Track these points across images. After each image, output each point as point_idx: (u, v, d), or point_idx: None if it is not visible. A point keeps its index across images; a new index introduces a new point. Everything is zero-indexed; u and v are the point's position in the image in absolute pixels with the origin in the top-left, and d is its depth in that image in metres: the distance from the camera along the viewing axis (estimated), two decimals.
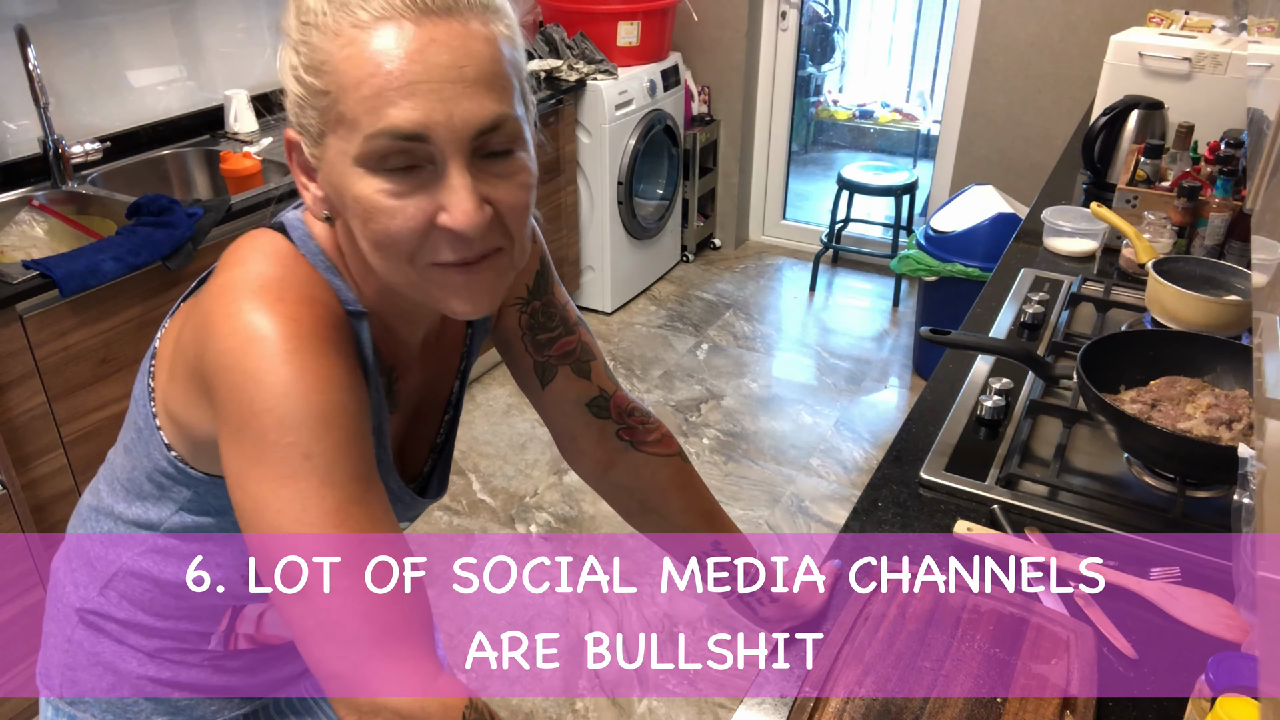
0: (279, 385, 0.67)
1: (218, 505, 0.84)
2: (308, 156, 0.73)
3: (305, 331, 0.69)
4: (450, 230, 0.68)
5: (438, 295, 0.73)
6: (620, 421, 1.05)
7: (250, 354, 0.68)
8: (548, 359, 1.00)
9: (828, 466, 2.98)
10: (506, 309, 0.97)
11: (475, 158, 0.69)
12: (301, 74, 0.69)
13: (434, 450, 0.97)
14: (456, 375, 0.96)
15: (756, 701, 0.96)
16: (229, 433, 0.69)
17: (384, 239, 0.70)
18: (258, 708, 1.04)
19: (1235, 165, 1.91)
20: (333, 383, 0.69)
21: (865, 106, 5.68)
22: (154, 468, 0.84)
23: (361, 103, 0.66)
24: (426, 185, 0.68)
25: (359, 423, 0.71)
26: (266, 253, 0.75)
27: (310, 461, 0.67)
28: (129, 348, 2.01)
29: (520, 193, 0.72)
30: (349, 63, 0.66)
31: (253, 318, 0.69)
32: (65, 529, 0.98)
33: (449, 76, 0.66)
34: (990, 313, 1.77)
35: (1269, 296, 0.75)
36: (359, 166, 0.68)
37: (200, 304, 0.74)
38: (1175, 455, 1.22)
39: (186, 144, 2.63)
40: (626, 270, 3.86)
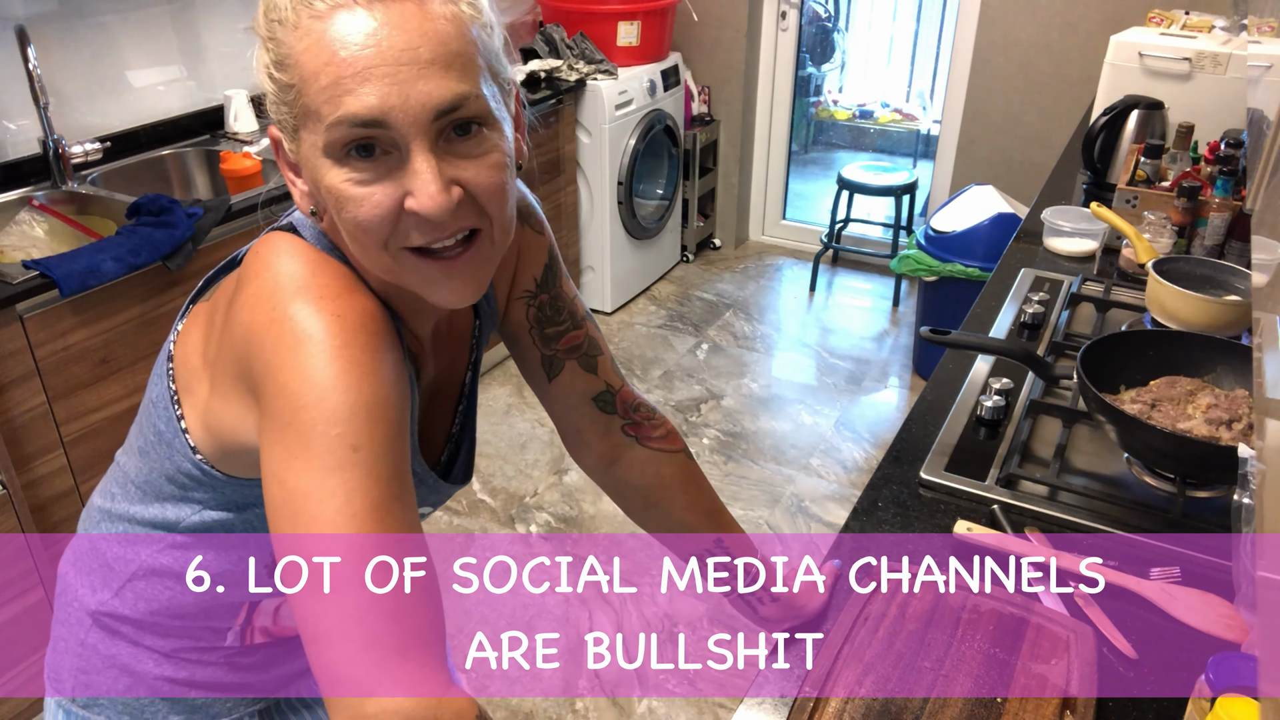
0: (328, 379, 0.67)
1: (239, 501, 0.84)
2: (288, 153, 0.74)
3: (351, 326, 0.70)
4: (417, 214, 0.68)
5: (416, 283, 0.73)
6: (626, 417, 1.05)
7: (300, 353, 0.68)
8: (555, 352, 1.00)
9: (828, 466, 2.98)
10: (515, 301, 0.97)
11: (441, 140, 0.69)
12: (272, 71, 0.70)
13: (450, 439, 0.97)
14: (468, 366, 0.97)
15: (756, 701, 0.96)
16: (274, 429, 0.69)
17: (354, 227, 0.70)
18: (269, 705, 1.05)
19: (1235, 165, 1.91)
20: (380, 376, 0.69)
21: (865, 106, 5.68)
22: (176, 470, 0.83)
23: (320, 93, 0.67)
24: (393, 171, 0.68)
25: (403, 417, 0.71)
26: (289, 253, 0.75)
27: (358, 453, 0.67)
28: (129, 348, 2.01)
29: (492, 172, 0.71)
30: (308, 54, 0.67)
31: (298, 319, 0.69)
32: (65, 529, 0.98)
33: (403, 59, 0.66)
34: (990, 313, 1.77)
35: (1269, 296, 0.75)
36: (327, 157, 0.68)
37: (236, 316, 0.73)
38: (1175, 455, 1.21)
39: (186, 144, 2.63)
40: (626, 270, 3.86)
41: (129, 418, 2.19)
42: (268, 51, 0.70)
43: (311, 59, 0.67)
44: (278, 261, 0.74)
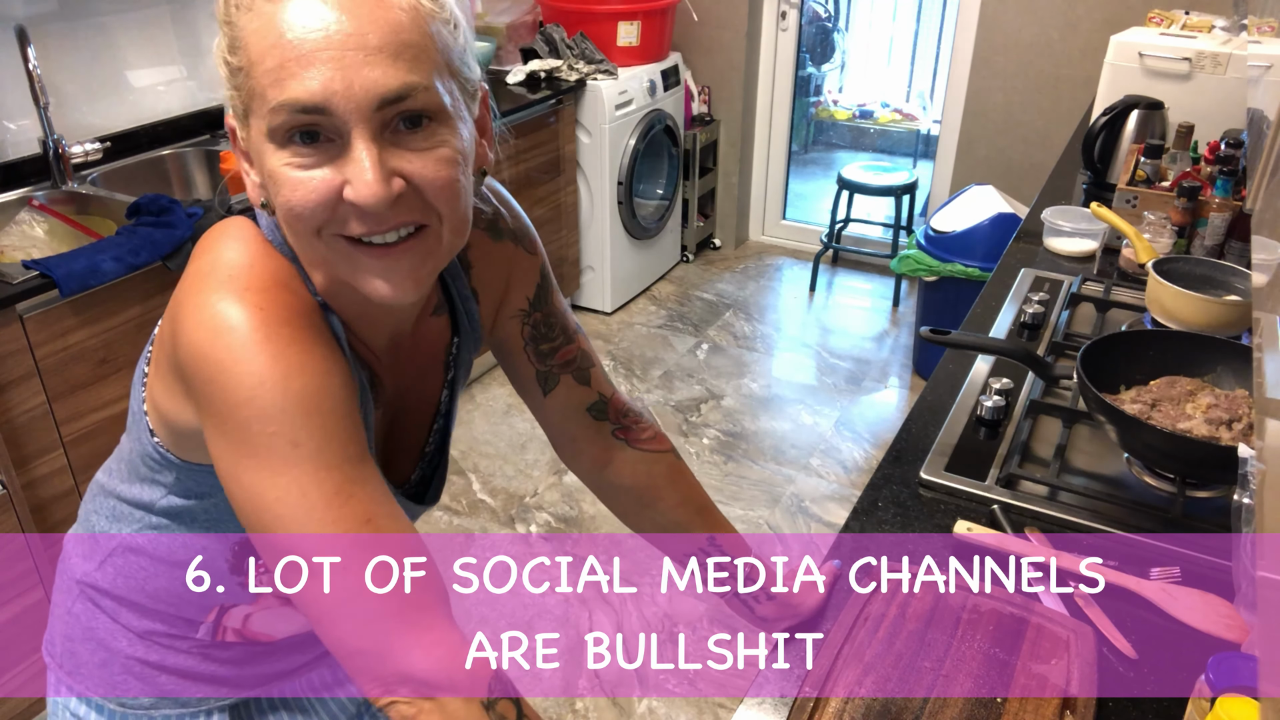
0: (253, 376, 0.67)
1: (199, 490, 0.84)
2: (240, 140, 0.73)
3: (274, 319, 0.69)
4: (354, 204, 0.67)
5: (349, 273, 0.71)
6: (617, 422, 1.06)
7: (220, 345, 0.67)
8: (550, 368, 1.00)
9: (828, 466, 2.98)
10: (508, 321, 0.97)
11: (386, 131, 0.67)
12: (225, 55, 0.69)
13: (423, 458, 0.96)
14: (445, 385, 0.95)
15: (756, 701, 0.96)
16: (213, 426, 0.69)
17: (288, 212, 0.68)
18: (241, 703, 1.04)
19: (1235, 165, 1.91)
20: (308, 368, 0.68)
21: (865, 106, 5.68)
22: (144, 452, 0.84)
23: (266, 75, 0.66)
24: (334, 158, 0.67)
25: (344, 404, 0.70)
26: (234, 239, 0.74)
27: (299, 449, 0.67)
28: (129, 348, 2.01)
29: (439, 166, 0.69)
30: (256, 35, 0.66)
31: (220, 307, 0.68)
32: (65, 529, 0.99)
33: (349, 44, 0.64)
34: (990, 313, 1.77)
35: (1269, 296, 0.75)
36: (270, 142, 0.67)
37: (175, 296, 0.74)
38: (1175, 455, 1.21)
39: (186, 144, 2.63)
40: (626, 270, 3.86)
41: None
42: (224, 35, 0.70)
43: (259, 40, 0.66)
44: (220, 246, 0.74)
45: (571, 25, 3.58)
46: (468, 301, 0.92)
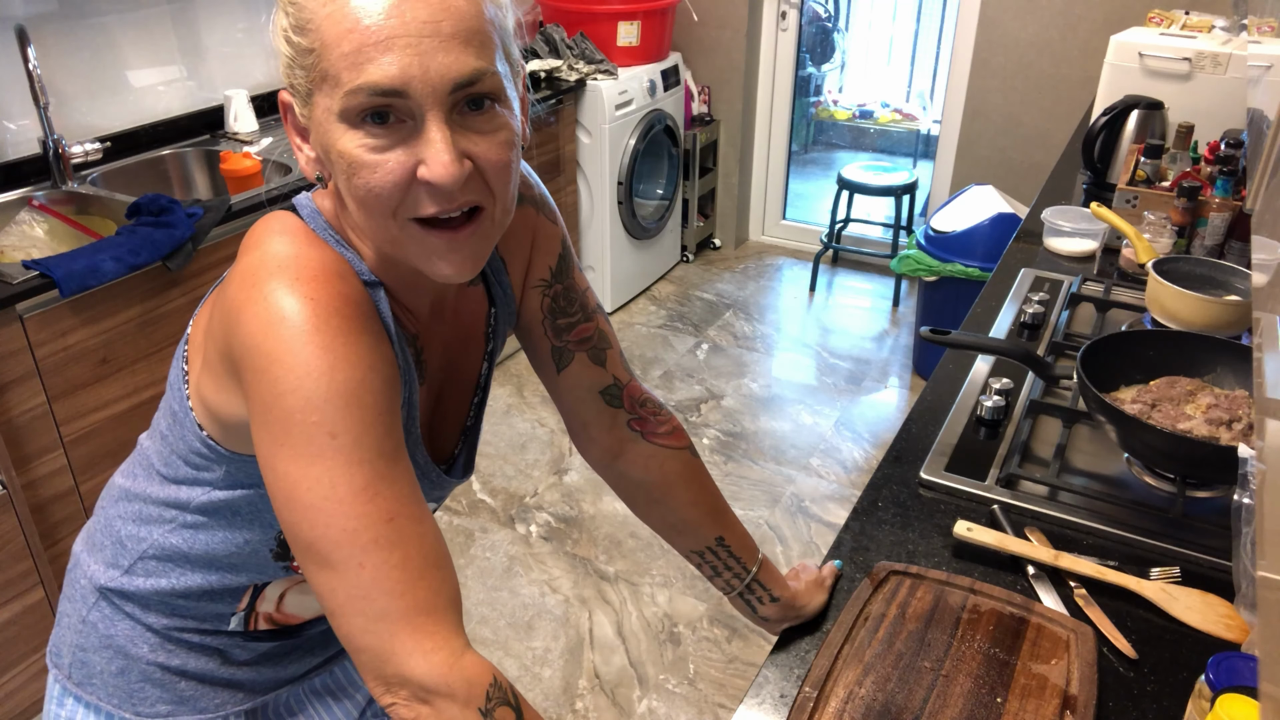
0: (302, 365, 0.68)
1: (244, 480, 0.85)
2: (299, 117, 0.75)
3: (326, 309, 0.70)
4: (429, 183, 0.69)
5: (418, 254, 0.74)
6: (632, 411, 1.05)
7: (273, 336, 0.69)
8: (565, 344, 1.00)
9: (828, 466, 2.98)
10: (530, 290, 0.98)
11: (455, 113, 0.70)
12: (290, 34, 0.71)
13: (463, 432, 0.98)
14: (484, 357, 0.97)
15: (756, 701, 0.96)
16: (258, 414, 0.70)
17: (365, 194, 0.70)
18: (257, 706, 1.05)
19: (1235, 165, 1.91)
20: (356, 360, 0.70)
21: (865, 106, 5.68)
22: (189, 449, 0.85)
23: (342, 59, 0.67)
24: (406, 140, 0.69)
25: (385, 399, 0.72)
26: (281, 232, 0.76)
27: (336, 440, 0.68)
28: (129, 348, 2.01)
29: (501, 149, 0.72)
30: (330, 20, 0.68)
31: (275, 299, 0.70)
32: (65, 529, 0.99)
33: (425, 31, 0.67)
34: (990, 313, 1.77)
35: (1269, 296, 0.75)
36: (342, 122, 0.69)
37: (226, 291, 0.75)
38: (1175, 455, 1.21)
39: (186, 144, 2.64)
40: (626, 270, 3.86)
41: (129, 418, 2.19)
42: (286, 15, 0.71)
43: (334, 25, 0.68)
44: (268, 240, 0.75)
45: (571, 25, 3.58)
46: (499, 272, 0.94)
